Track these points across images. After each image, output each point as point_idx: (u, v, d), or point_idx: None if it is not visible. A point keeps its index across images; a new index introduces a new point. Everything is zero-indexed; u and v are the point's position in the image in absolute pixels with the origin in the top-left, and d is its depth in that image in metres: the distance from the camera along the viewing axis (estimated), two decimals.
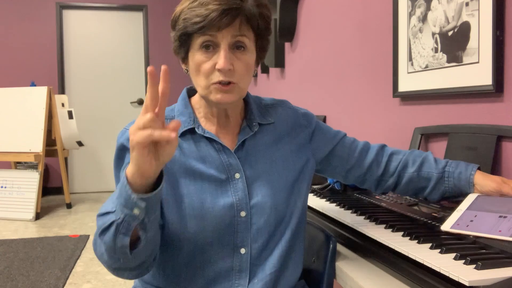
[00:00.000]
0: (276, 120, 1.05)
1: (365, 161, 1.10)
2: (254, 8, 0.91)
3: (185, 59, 0.97)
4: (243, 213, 0.95)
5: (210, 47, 0.90)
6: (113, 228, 0.78)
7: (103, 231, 0.81)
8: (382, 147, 1.13)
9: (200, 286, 0.95)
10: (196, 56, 0.92)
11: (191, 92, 1.04)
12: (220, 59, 0.89)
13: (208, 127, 1.00)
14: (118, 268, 0.87)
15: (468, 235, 0.86)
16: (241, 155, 0.99)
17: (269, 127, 1.04)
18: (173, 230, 0.95)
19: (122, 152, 0.97)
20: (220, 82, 0.90)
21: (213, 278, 0.95)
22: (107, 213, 0.81)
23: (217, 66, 0.89)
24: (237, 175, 0.97)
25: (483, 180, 1.00)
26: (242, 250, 0.96)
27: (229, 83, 0.91)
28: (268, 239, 0.97)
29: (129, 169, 0.75)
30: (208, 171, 0.96)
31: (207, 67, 0.91)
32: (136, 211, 0.76)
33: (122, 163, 0.97)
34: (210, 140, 0.98)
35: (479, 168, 1.03)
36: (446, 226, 0.91)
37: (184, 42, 0.93)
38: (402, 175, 1.09)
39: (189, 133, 0.98)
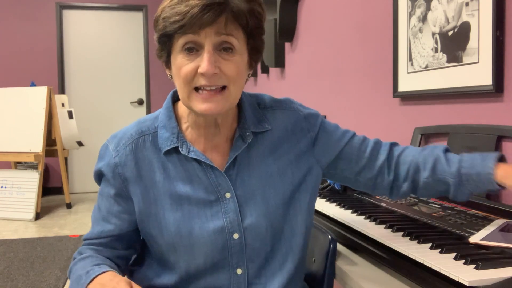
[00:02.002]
0: (274, 125, 0.93)
1: (376, 163, 0.96)
2: (242, 3, 0.79)
3: (168, 64, 0.87)
4: (236, 235, 0.88)
5: (193, 50, 0.80)
6: None
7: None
8: (392, 146, 0.99)
9: None
10: (177, 59, 0.81)
11: (178, 96, 0.91)
12: (203, 62, 0.78)
13: (195, 140, 0.90)
14: None
15: (497, 246, 0.82)
16: (232, 173, 0.89)
17: (265, 135, 0.92)
18: (165, 258, 0.91)
19: (99, 176, 0.93)
20: (203, 88, 0.80)
21: None
22: None
23: (200, 70, 0.78)
24: (228, 195, 0.88)
25: (507, 178, 0.82)
26: (239, 271, 0.89)
27: (217, 89, 0.81)
28: (266, 258, 0.91)
29: None
30: (196, 194, 0.87)
31: (187, 70, 0.79)
32: None
33: (101, 185, 0.94)
34: (197, 160, 0.88)
35: (501, 158, 0.87)
36: (475, 239, 0.86)
37: (165, 44, 0.83)
38: (417, 180, 0.94)
39: (174, 151, 0.88)
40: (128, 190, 0.90)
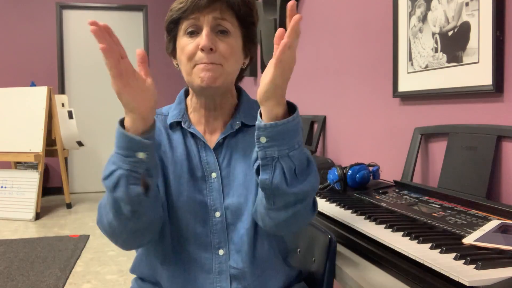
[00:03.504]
0: None
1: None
2: None
3: (174, 52, 0.99)
4: (218, 214, 0.95)
5: (194, 33, 0.92)
6: (123, 182, 0.80)
7: (114, 188, 0.81)
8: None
9: (185, 286, 0.95)
10: (181, 41, 0.94)
11: (188, 92, 1.06)
12: (202, 38, 0.90)
13: (197, 122, 1.01)
14: (124, 236, 0.89)
15: (494, 248, 0.82)
16: (220, 155, 0.98)
17: (254, 129, 0.98)
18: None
19: None
20: (203, 63, 0.91)
21: (194, 278, 0.95)
22: (111, 173, 0.81)
23: (200, 45, 0.90)
24: (214, 175, 0.97)
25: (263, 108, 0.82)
26: (220, 252, 0.96)
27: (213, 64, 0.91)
28: (247, 242, 0.95)
29: (127, 120, 0.81)
30: (188, 166, 0.97)
31: (190, 48, 0.92)
32: (141, 155, 0.80)
33: None
34: (194, 135, 0.99)
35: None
36: (469, 240, 0.86)
37: (171, 30, 0.97)
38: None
39: (179, 125, 1.00)
40: None
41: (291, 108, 0.82)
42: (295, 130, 0.80)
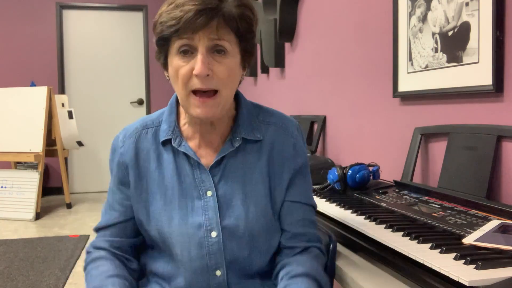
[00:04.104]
0: (266, 138, 0.96)
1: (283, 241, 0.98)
2: (234, 8, 0.84)
3: (165, 65, 0.92)
4: (214, 234, 0.91)
5: (188, 52, 0.84)
6: None
7: None
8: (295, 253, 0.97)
9: None
10: (174, 61, 0.86)
11: None
12: (197, 63, 0.83)
13: (191, 136, 0.96)
14: None
15: (494, 248, 0.82)
16: (217, 172, 0.93)
17: (256, 144, 0.96)
18: (154, 245, 0.97)
19: (110, 169, 1.01)
20: (198, 91, 0.85)
21: None
22: None
23: (194, 72, 0.83)
24: (209, 193, 0.92)
25: None
26: (218, 273, 0.92)
27: (209, 93, 0.85)
28: (244, 262, 0.93)
29: None
30: (180, 186, 0.93)
31: (184, 72, 0.85)
32: None
33: (110, 181, 1.02)
34: (187, 155, 0.94)
35: None
36: (469, 240, 0.86)
37: (162, 47, 0.89)
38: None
39: (170, 143, 0.95)
40: (128, 177, 0.97)
41: None
42: None
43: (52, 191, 5.58)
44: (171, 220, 0.92)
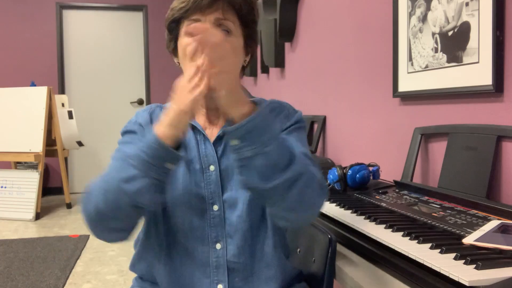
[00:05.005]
0: None
1: None
2: None
3: (175, 51, 0.99)
4: (215, 207, 0.95)
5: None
6: (150, 190, 0.81)
7: (137, 194, 0.80)
8: None
9: (182, 281, 0.95)
10: (183, 42, 0.93)
11: None
12: None
13: (197, 117, 1.01)
14: (111, 225, 0.87)
15: (494, 248, 0.82)
16: (219, 148, 0.98)
17: None
18: (153, 213, 0.97)
19: (123, 133, 1.01)
20: None
21: (191, 273, 0.95)
22: (134, 177, 0.80)
23: None
24: (212, 167, 0.96)
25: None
26: (218, 246, 0.95)
27: None
28: (244, 236, 0.95)
29: (163, 129, 0.80)
30: (186, 159, 0.96)
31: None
32: (169, 166, 0.81)
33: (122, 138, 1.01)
34: (194, 128, 0.99)
35: None
36: (469, 240, 0.86)
37: (173, 30, 0.97)
38: None
39: None
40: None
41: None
42: (264, 126, 0.79)
43: (52, 191, 5.58)
44: (174, 190, 0.94)
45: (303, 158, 0.87)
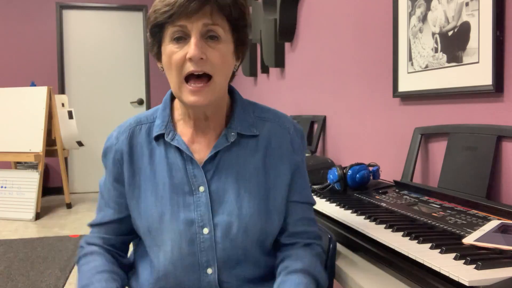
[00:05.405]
0: (262, 134, 0.96)
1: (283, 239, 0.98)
2: None
3: (158, 55, 0.92)
4: (206, 230, 0.90)
5: (181, 39, 0.85)
6: None
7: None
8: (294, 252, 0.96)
9: None
10: (167, 48, 0.86)
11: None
12: (191, 47, 0.83)
13: (185, 132, 0.95)
14: None
15: (494, 248, 0.82)
16: (210, 168, 0.92)
17: (251, 140, 0.95)
18: (145, 244, 0.96)
19: (104, 163, 1.01)
20: (191, 79, 0.85)
21: None
22: None
23: (188, 55, 0.83)
24: (201, 189, 0.91)
25: None
26: (209, 271, 0.91)
27: (203, 80, 0.85)
28: (236, 261, 0.92)
29: None
30: (172, 182, 0.92)
31: (178, 57, 0.84)
32: None
33: (104, 176, 1.02)
34: (180, 150, 0.93)
35: None
36: (469, 239, 0.86)
37: (156, 35, 0.89)
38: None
39: (162, 138, 0.94)
40: (123, 174, 0.96)
41: None
42: None
43: (52, 191, 5.58)
44: (162, 216, 0.91)
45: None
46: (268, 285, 0.96)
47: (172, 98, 0.99)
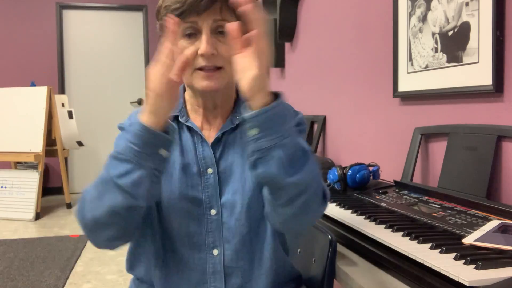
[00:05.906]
0: None
1: None
2: None
3: None
4: (213, 211, 0.93)
5: (192, 35, 0.87)
6: (146, 180, 0.79)
7: (134, 187, 0.78)
8: None
9: (179, 287, 0.94)
10: (179, 44, 0.88)
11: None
12: (202, 43, 0.85)
13: (194, 118, 0.98)
14: (108, 233, 0.84)
15: (494, 248, 0.82)
16: (217, 149, 0.95)
17: None
18: (149, 220, 0.95)
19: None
20: (204, 68, 0.87)
21: (188, 279, 0.94)
22: (129, 171, 0.78)
23: (200, 51, 0.86)
24: (210, 170, 0.94)
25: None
26: (215, 251, 0.93)
27: (215, 69, 0.88)
28: (242, 241, 0.93)
29: (147, 119, 0.78)
30: (182, 161, 0.94)
31: (189, 52, 0.86)
32: (163, 153, 0.80)
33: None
34: (190, 130, 0.96)
35: None
36: (469, 240, 0.86)
37: (165, 29, 0.91)
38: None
39: (175, 120, 0.97)
40: None
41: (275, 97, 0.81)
42: (283, 116, 0.78)
43: (52, 191, 5.58)
44: (171, 194, 0.92)
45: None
46: (275, 265, 0.96)
47: (184, 90, 1.03)
